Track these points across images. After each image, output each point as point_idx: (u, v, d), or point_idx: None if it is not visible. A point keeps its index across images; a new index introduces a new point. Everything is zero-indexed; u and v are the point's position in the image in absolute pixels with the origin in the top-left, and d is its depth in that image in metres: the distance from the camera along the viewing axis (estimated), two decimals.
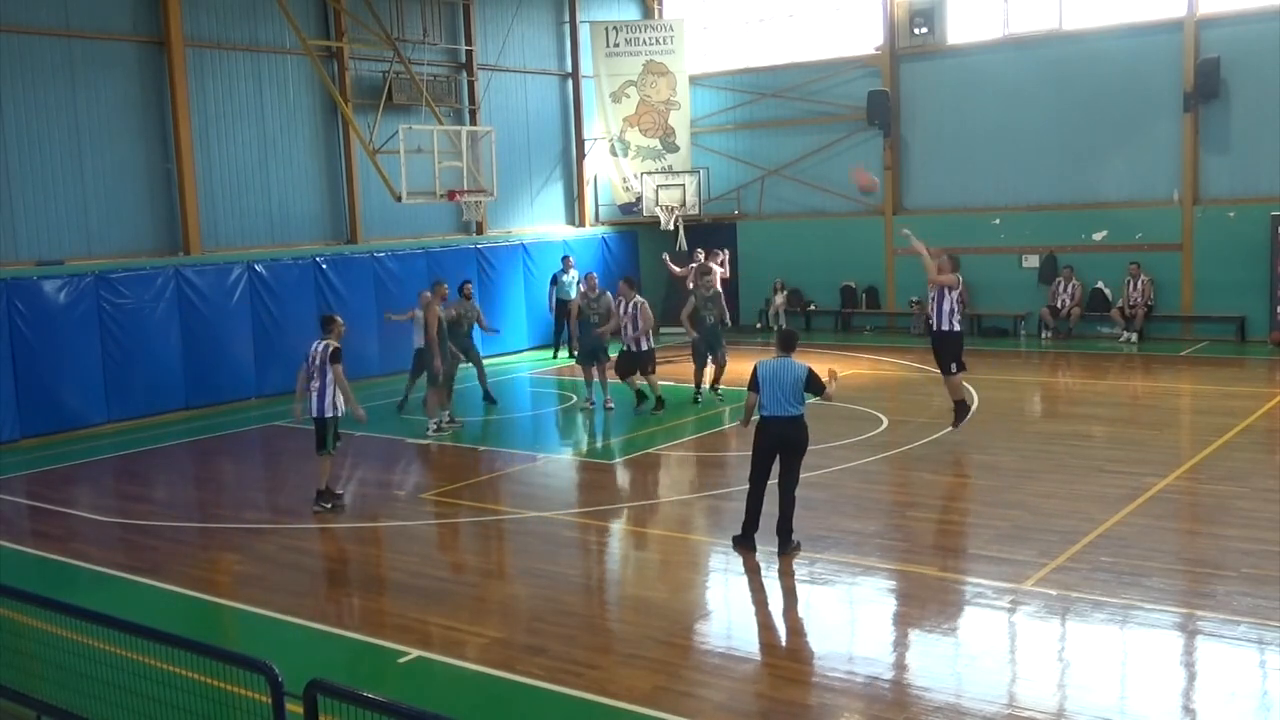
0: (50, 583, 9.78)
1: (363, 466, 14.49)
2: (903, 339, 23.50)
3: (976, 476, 12.49)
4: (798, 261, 25.59)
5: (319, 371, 11.85)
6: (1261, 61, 20.44)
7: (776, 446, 9.82)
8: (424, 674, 7.78)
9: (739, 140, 26.56)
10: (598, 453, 14.79)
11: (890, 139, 24.32)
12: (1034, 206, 23.04)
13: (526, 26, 24.80)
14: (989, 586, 8.86)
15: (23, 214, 17.00)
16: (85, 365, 16.79)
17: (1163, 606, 8.32)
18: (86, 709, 6.31)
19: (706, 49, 26.92)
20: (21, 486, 13.76)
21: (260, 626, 8.82)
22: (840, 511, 11.09)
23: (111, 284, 17.13)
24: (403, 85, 21.41)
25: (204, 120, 19.12)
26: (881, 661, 7.66)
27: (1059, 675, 7.35)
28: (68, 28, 17.42)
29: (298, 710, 4.82)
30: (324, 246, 20.69)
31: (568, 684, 7.37)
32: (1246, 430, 13.93)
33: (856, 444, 13.89)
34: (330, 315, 12.56)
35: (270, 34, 19.98)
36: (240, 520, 11.90)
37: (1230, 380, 17.82)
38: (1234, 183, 21.17)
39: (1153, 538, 9.93)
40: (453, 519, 11.76)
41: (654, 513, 11.86)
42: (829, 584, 9.22)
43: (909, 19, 23.86)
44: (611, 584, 9.95)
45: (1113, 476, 11.96)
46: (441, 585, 9.68)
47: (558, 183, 26.04)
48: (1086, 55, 22.12)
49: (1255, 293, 20.78)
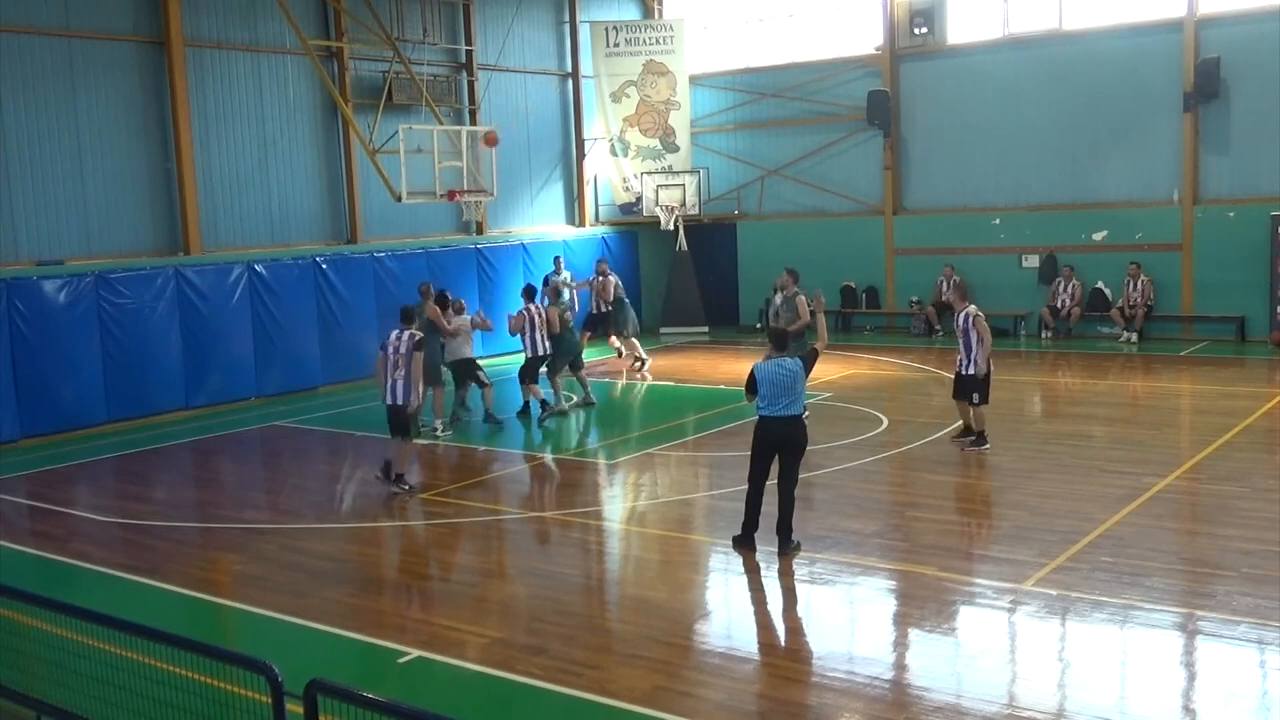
0: (50, 583, 9.78)
1: (363, 466, 14.49)
2: (903, 339, 23.50)
3: (976, 476, 12.49)
4: (798, 261, 25.34)
5: (404, 360, 12.20)
6: (1261, 61, 20.45)
7: (776, 446, 9.82)
8: (424, 674, 7.78)
9: (739, 140, 26.56)
10: (598, 453, 14.79)
11: (890, 139, 24.32)
12: (1034, 206, 23.04)
13: (526, 26, 24.80)
14: (989, 586, 8.86)
15: (23, 214, 17.00)
16: (85, 365, 16.79)
17: (1163, 606, 8.32)
18: (86, 709, 6.31)
19: (706, 49, 26.93)
20: (21, 486, 13.76)
21: (260, 626, 8.82)
22: (840, 511, 11.09)
23: (111, 284, 17.12)
24: (403, 85, 21.40)
25: (204, 120, 19.12)
26: (881, 661, 7.66)
27: (1059, 675, 7.35)
28: (68, 28, 17.42)
29: (298, 710, 4.82)
30: (324, 246, 20.69)
31: (568, 684, 7.37)
32: (1246, 430, 13.93)
33: (856, 444, 13.89)
34: (411, 306, 13.26)
35: (270, 34, 19.98)
36: (240, 520, 11.90)
37: (1230, 380, 17.82)
38: (1234, 183, 21.17)
39: (1153, 538, 9.93)
40: (453, 519, 11.76)
41: (654, 513, 11.86)
42: (829, 584, 9.22)
43: (909, 19, 23.86)
44: (611, 584, 9.95)
45: (1113, 476, 11.97)
46: (441, 585, 9.68)
47: (558, 183, 26.04)
48: (1086, 55, 22.13)
49: (1255, 293, 20.78)
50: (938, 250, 23.70)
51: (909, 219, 24.51)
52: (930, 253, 23.89)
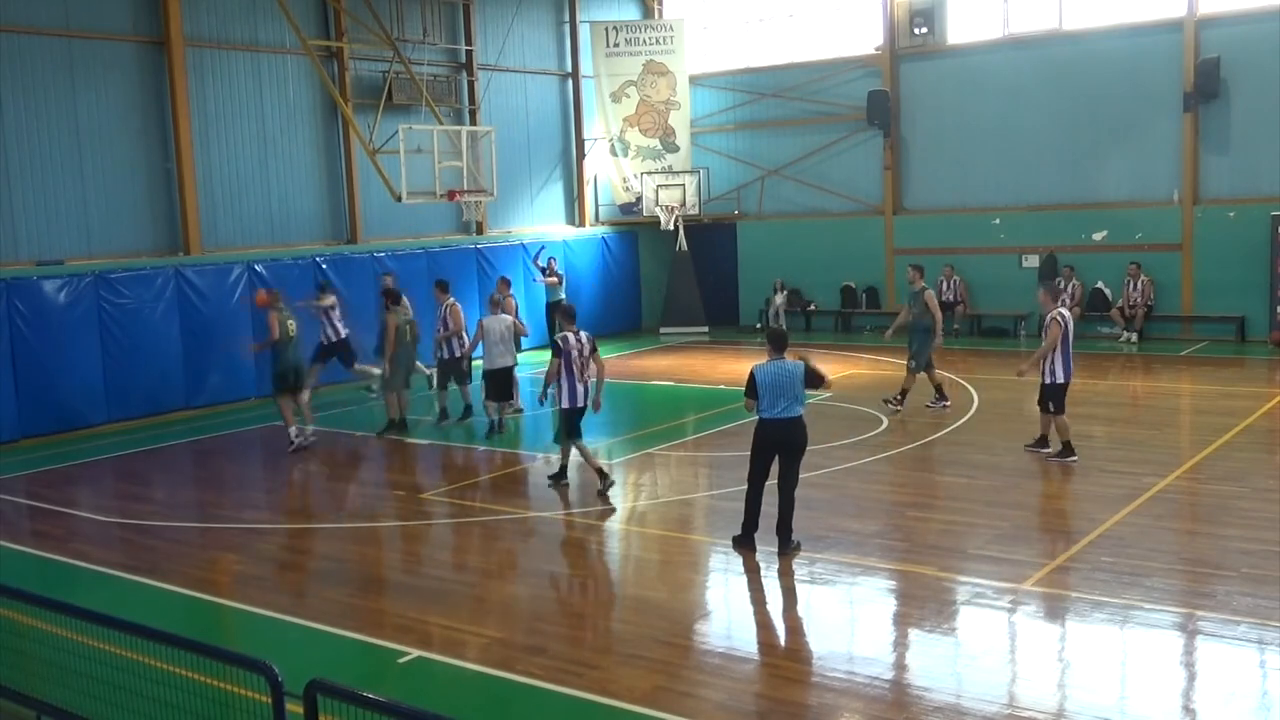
0: (50, 583, 9.78)
1: (363, 466, 14.50)
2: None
3: (976, 476, 12.48)
4: (798, 261, 25.60)
5: (591, 360, 11.93)
6: (1261, 61, 20.45)
7: (776, 447, 9.81)
8: (424, 674, 7.78)
9: (739, 140, 26.56)
10: (597, 453, 14.77)
11: (890, 139, 24.32)
12: (1034, 206, 23.04)
13: (526, 26, 24.80)
14: (989, 586, 8.86)
15: (23, 214, 17.00)
16: (85, 365, 16.79)
17: (1163, 606, 8.32)
18: (86, 709, 6.31)
19: (706, 49, 26.93)
20: (21, 486, 13.76)
21: (260, 626, 8.82)
22: (840, 511, 11.09)
23: (111, 284, 17.12)
24: (403, 85, 21.41)
25: (204, 120, 19.12)
26: (881, 661, 7.66)
27: (1059, 675, 7.35)
28: (68, 28, 17.42)
29: (298, 710, 4.82)
30: (324, 246, 20.70)
31: (568, 684, 7.37)
32: (1246, 430, 13.94)
33: (856, 444, 13.89)
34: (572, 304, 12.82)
35: (270, 34, 19.98)
36: (240, 520, 11.90)
37: (1230, 380, 17.82)
38: (1234, 183, 21.17)
39: (1153, 538, 9.93)
40: (453, 519, 11.76)
41: (654, 513, 11.85)
42: (829, 584, 9.22)
43: (909, 19, 23.86)
44: (611, 584, 9.94)
45: (1113, 476, 11.97)
46: (441, 585, 9.68)
47: (558, 183, 26.04)
48: (1086, 55, 22.13)
49: (1255, 293, 20.78)
50: (938, 250, 23.69)
51: (909, 219, 24.51)
52: (930, 253, 23.84)
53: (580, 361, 11.94)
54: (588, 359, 12.02)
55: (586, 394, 12.05)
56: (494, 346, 15.09)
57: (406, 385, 15.98)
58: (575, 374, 11.92)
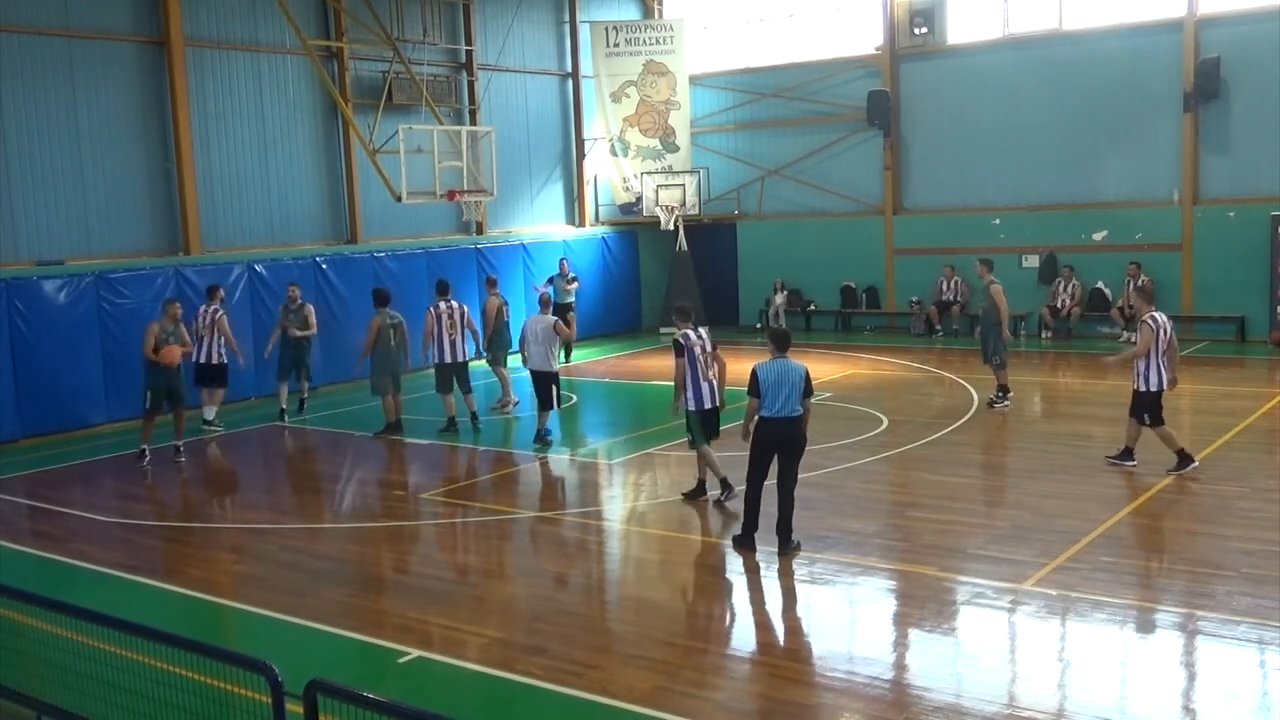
0: (50, 583, 9.78)
1: (363, 466, 14.49)
2: (903, 339, 23.50)
3: (976, 476, 12.48)
4: (798, 261, 25.59)
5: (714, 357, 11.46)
6: (1261, 61, 20.45)
7: (776, 447, 9.82)
8: (424, 674, 7.77)
9: (739, 140, 26.56)
10: (597, 453, 14.78)
11: (890, 139, 24.32)
12: (1034, 206, 23.04)
13: (526, 26, 24.80)
14: (989, 586, 8.86)
15: (23, 214, 17.00)
16: (85, 365, 16.78)
17: (1163, 606, 8.33)
18: (86, 709, 6.31)
19: (706, 49, 26.93)
20: (21, 486, 13.76)
21: (260, 626, 8.82)
22: (840, 511, 11.09)
23: (111, 284, 17.12)
24: (403, 85, 21.41)
25: (204, 120, 19.12)
26: (881, 661, 7.66)
27: (1059, 675, 7.34)
28: (68, 28, 17.42)
29: (298, 710, 4.82)
30: (324, 246, 20.69)
31: (568, 684, 7.37)
32: (1246, 430, 13.94)
33: (856, 444, 13.88)
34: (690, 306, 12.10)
35: (270, 34, 19.98)
36: (240, 520, 11.90)
37: (1230, 380, 17.82)
38: (1234, 183, 21.17)
39: (1153, 538, 9.92)
40: (453, 519, 11.76)
41: (654, 513, 11.85)
42: (829, 584, 9.22)
43: (909, 19, 23.86)
44: (611, 584, 9.94)
45: (1113, 476, 11.97)
46: (441, 585, 9.68)
47: (558, 183, 26.04)
48: (1086, 55, 22.12)
49: (1255, 293, 20.78)
50: (938, 250, 23.69)
51: (909, 219, 24.51)
52: (930, 253, 23.88)
53: (704, 359, 11.45)
54: (710, 357, 11.52)
55: (713, 393, 11.47)
56: (530, 346, 14.57)
57: (398, 388, 15.86)
58: (699, 373, 11.37)
